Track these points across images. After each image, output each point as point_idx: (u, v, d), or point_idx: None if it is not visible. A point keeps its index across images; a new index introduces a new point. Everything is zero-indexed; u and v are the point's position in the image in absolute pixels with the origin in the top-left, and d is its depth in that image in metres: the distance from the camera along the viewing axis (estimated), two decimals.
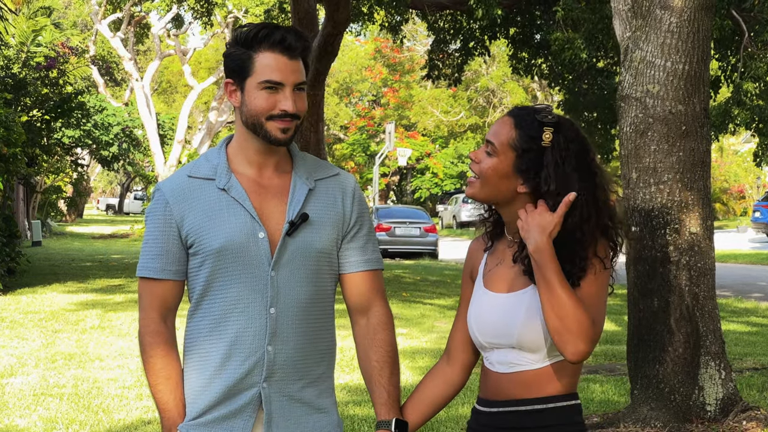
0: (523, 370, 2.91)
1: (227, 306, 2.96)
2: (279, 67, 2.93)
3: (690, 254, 7.01)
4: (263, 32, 2.94)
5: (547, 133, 2.87)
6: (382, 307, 3.14)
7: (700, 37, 6.98)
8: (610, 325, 13.79)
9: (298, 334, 2.99)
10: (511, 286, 2.94)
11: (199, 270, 2.99)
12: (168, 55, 46.40)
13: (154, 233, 3.02)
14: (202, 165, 3.05)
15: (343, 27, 17.43)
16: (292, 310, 2.98)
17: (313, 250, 3.01)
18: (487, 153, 2.92)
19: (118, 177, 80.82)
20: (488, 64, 51.91)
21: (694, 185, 7.04)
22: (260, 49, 2.94)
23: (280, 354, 2.97)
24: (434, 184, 58.50)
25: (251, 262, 2.95)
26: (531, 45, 20.71)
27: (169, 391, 3.00)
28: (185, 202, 2.99)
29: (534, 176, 2.87)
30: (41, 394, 8.92)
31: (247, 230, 2.95)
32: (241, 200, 2.98)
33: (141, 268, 3.04)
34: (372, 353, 3.10)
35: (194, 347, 3.02)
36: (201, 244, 2.97)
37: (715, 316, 7.14)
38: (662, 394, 6.97)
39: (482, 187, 2.93)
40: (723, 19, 15.72)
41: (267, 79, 2.93)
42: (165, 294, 3.02)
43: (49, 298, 16.67)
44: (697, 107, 7.04)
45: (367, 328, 3.12)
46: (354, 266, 3.11)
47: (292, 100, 2.94)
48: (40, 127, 26.04)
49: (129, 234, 41.78)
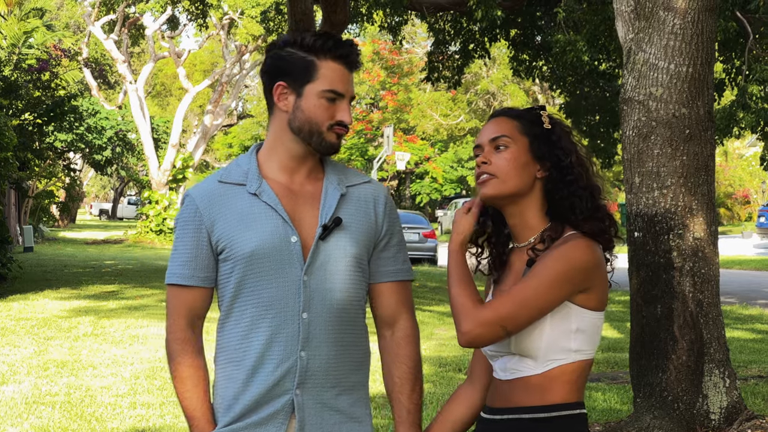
0: (524, 376, 2.92)
1: (259, 311, 2.97)
2: (342, 78, 3.01)
3: (694, 260, 7.01)
4: (330, 42, 2.99)
5: (545, 116, 3.00)
6: (409, 320, 3.15)
7: (704, 39, 6.99)
8: (612, 332, 13.80)
9: (331, 340, 3.00)
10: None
11: (230, 276, 3.00)
12: (162, 57, 46.40)
13: (184, 239, 3.03)
14: (233, 170, 3.07)
15: (341, 29, 17.43)
16: (325, 316, 2.99)
17: (346, 255, 3.03)
18: (497, 148, 2.96)
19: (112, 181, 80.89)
20: (488, 67, 51.94)
21: (698, 190, 7.04)
22: (326, 58, 2.99)
23: (314, 360, 2.98)
24: (434, 189, 58.50)
25: (283, 266, 2.97)
26: (532, 47, 20.72)
27: (197, 398, 3.01)
28: (216, 208, 3.01)
29: (550, 159, 2.96)
30: (33, 403, 8.92)
31: (279, 234, 2.97)
32: (273, 204, 2.99)
33: (170, 275, 3.04)
34: (394, 368, 3.12)
35: (226, 355, 3.03)
36: (232, 249, 2.98)
37: (720, 323, 7.14)
38: (666, 402, 6.97)
39: (503, 182, 2.94)
40: (727, 21, 15.73)
41: (332, 89, 2.98)
42: (193, 301, 3.03)
43: (41, 305, 16.67)
44: (701, 110, 7.04)
45: (392, 342, 3.14)
46: (383, 276, 3.13)
47: (348, 112, 3.02)
48: (32, 130, 26.07)
49: (123, 240, 41.77)
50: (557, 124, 3.01)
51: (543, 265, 2.84)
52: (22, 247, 31.77)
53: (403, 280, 3.15)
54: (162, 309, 15.84)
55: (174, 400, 9.03)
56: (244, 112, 64.15)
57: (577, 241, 2.87)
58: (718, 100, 19.06)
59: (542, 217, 2.98)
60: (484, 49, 20.84)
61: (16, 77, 25.06)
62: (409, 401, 3.10)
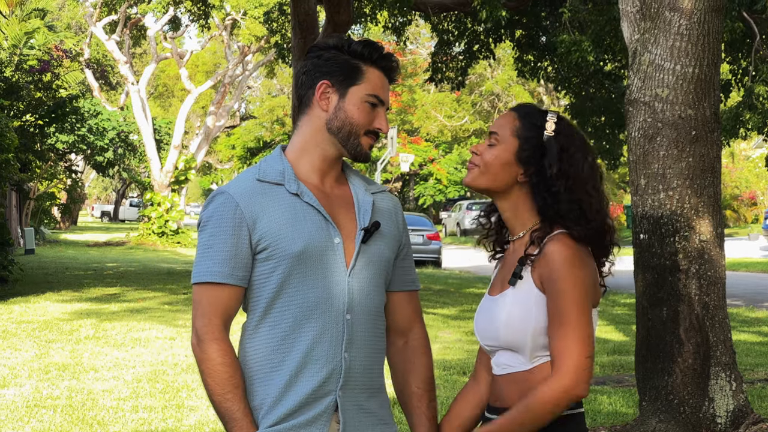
0: (515, 371, 2.99)
1: (303, 311, 2.97)
2: (385, 86, 3.08)
3: (700, 262, 7.01)
4: (377, 52, 3.06)
5: (551, 122, 3.03)
6: (422, 330, 3.22)
7: (710, 40, 6.98)
8: (617, 334, 13.79)
9: (368, 343, 3.05)
10: (501, 287, 3.05)
11: (270, 276, 2.99)
12: (164, 58, 46.42)
13: (222, 237, 2.99)
14: (269, 169, 3.07)
15: (345, 29, 17.43)
16: (365, 318, 3.03)
17: (383, 259, 3.09)
18: (490, 144, 3.06)
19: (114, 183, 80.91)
20: (493, 67, 51.94)
21: (704, 192, 7.04)
22: (371, 65, 3.05)
23: (355, 362, 3.01)
24: (438, 191, 58.52)
25: (329, 266, 2.99)
26: (537, 47, 20.71)
27: (239, 400, 2.97)
28: (258, 205, 3.00)
29: (535, 165, 3.01)
30: (34, 406, 8.92)
31: (324, 234, 3.00)
32: (315, 205, 3.02)
33: (204, 273, 2.99)
34: (412, 378, 3.17)
35: (261, 357, 3.01)
36: (277, 247, 2.97)
37: (726, 325, 7.14)
38: (671, 405, 6.97)
39: (481, 174, 3.05)
40: (734, 21, 15.71)
41: (376, 94, 3.05)
42: (229, 300, 3.00)
43: (42, 308, 16.68)
44: (708, 111, 7.04)
45: (406, 351, 3.19)
46: (401, 285, 3.19)
47: (386, 121, 3.08)
48: (33, 132, 26.09)
49: (124, 242, 41.76)
50: (564, 135, 3.03)
51: (558, 293, 2.90)
52: (23, 250, 31.80)
53: (416, 289, 3.24)
54: (164, 312, 15.87)
55: (176, 403, 9.03)
56: (246, 114, 64.20)
57: (557, 246, 2.94)
58: (724, 101, 19.05)
59: (534, 214, 3.05)
60: (489, 50, 20.85)
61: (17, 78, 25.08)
62: (428, 409, 3.16)
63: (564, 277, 2.89)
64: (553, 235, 2.96)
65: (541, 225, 3.01)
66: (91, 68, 43.73)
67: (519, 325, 2.94)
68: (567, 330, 2.86)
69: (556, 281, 2.89)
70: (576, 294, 2.88)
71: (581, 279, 2.90)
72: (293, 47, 16.94)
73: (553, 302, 2.89)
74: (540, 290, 2.93)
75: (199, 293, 3.00)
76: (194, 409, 8.85)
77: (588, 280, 2.92)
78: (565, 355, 2.85)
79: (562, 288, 2.88)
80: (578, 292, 2.88)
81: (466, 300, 18.58)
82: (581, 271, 2.91)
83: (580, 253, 2.95)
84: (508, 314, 2.96)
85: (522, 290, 2.96)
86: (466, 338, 13.26)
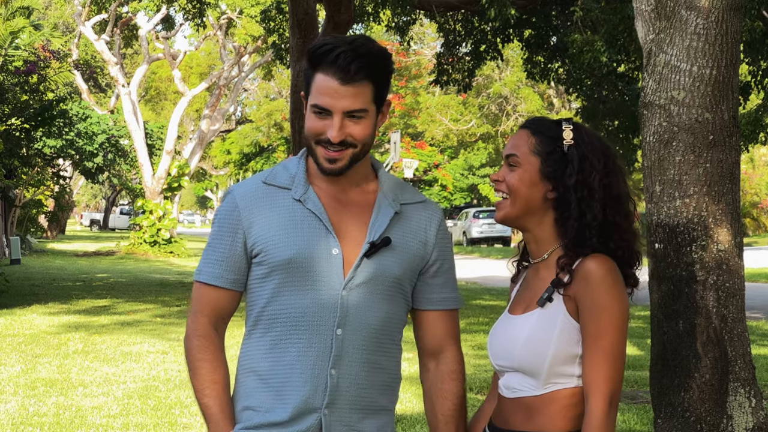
0: (524, 396, 2.99)
1: (291, 322, 2.99)
2: (328, 91, 2.95)
3: (718, 273, 7.01)
4: (322, 50, 2.96)
5: (568, 131, 3.04)
6: (454, 353, 3.17)
7: (728, 40, 6.99)
8: (632, 349, 13.78)
9: (363, 360, 3.02)
10: (525, 307, 3.04)
11: (263, 282, 3.03)
12: (157, 59, 46.43)
13: (218, 237, 3.07)
14: (279, 173, 3.10)
15: (346, 29, 17.46)
16: (360, 334, 3.01)
17: (390, 276, 3.05)
18: (510, 166, 3.06)
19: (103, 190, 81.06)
20: (501, 69, 51.97)
21: (723, 199, 7.05)
22: (318, 69, 2.97)
23: (344, 379, 3.00)
24: (443, 198, 58.53)
25: (321, 278, 2.99)
26: (547, 48, 20.74)
27: (216, 396, 3.03)
28: (256, 209, 3.04)
29: (561, 177, 3.02)
30: (20, 423, 8.94)
31: (320, 244, 3.00)
32: (317, 213, 3.02)
33: (199, 272, 3.09)
34: (438, 405, 3.15)
35: (254, 364, 3.05)
36: (268, 253, 3.00)
37: (745, 339, 7.15)
38: (688, 423, 6.98)
39: (512, 205, 3.05)
40: (753, 21, 15.74)
41: (316, 104, 2.97)
42: (219, 302, 3.07)
43: (28, 320, 16.69)
44: (726, 115, 7.05)
45: (436, 375, 3.17)
46: (429, 304, 3.15)
47: (337, 129, 2.95)
48: (19, 136, 26.09)
49: (115, 251, 41.76)
50: (582, 143, 3.04)
51: (597, 321, 2.93)
52: (8, 260, 31.83)
53: (451, 309, 3.17)
54: (156, 325, 15.88)
55: (168, 420, 9.04)
56: (243, 117, 64.30)
57: (595, 263, 2.96)
58: (743, 104, 19.07)
59: (556, 235, 3.06)
60: (497, 51, 20.88)
61: (2, 80, 25.13)
62: None
63: (603, 294, 2.91)
64: (590, 254, 2.97)
65: (565, 251, 3.02)
66: (79, 70, 43.79)
67: (538, 347, 2.94)
68: (603, 354, 2.90)
69: (595, 299, 2.92)
70: (615, 312, 2.91)
71: (619, 297, 2.93)
72: (292, 48, 16.95)
73: (591, 319, 2.91)
74: (569, 314, 2.95)
75: (194, 290, 3.11)
76: (188, 426, 8.86)
77: (625, 298, 2.95)
78: (599, 379, 2.88)
79: (602, 304, 2.91)
80: (617, 310, 2.91)
81: (473, 312, 18.58)
82: (619, 290, 2.94)
83: (617, 272, 2.97)
84: (529, 335, 2.97)
85: (549, 313, 2.97)
86: (473, 352, 13.26)
